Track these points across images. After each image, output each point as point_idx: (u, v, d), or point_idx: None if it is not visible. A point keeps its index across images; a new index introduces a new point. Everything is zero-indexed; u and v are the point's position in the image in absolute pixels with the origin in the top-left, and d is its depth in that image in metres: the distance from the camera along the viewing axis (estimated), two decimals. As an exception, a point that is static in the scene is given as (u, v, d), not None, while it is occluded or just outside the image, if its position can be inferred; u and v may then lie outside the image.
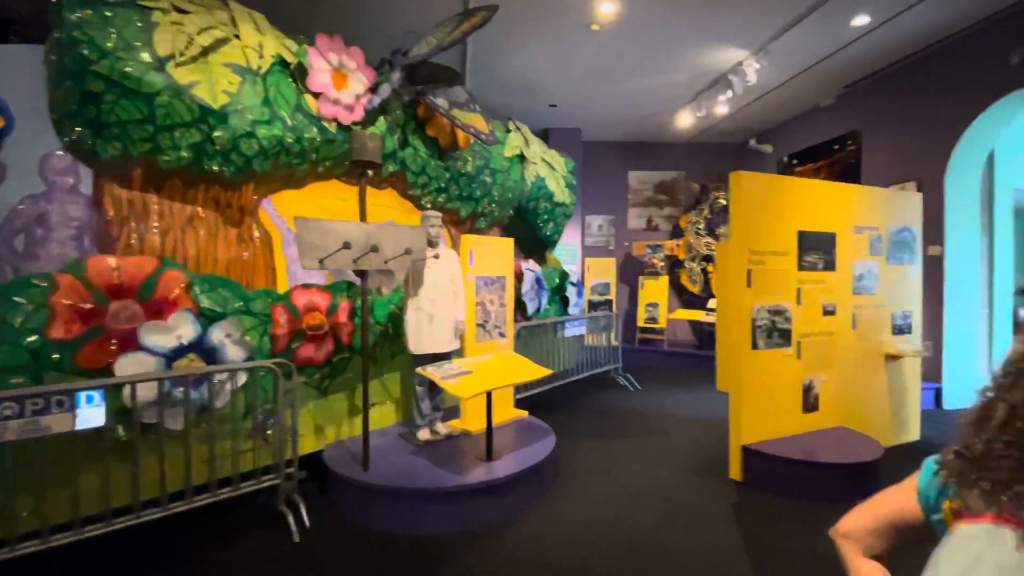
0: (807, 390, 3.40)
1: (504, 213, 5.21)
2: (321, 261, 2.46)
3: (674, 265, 7.83)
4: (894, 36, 4.76)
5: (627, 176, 8.37)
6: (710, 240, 7.35)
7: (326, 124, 3.38)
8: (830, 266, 3.51)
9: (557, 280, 5.52)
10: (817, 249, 3.47)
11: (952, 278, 4.89)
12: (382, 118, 3.74)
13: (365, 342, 2.86)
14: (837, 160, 6.22)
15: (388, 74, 3.67)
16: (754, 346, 3.20)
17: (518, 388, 4.30)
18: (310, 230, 2.44)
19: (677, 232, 8.07)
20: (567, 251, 7.59)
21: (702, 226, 7.44)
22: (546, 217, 5.75)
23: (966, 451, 0.71)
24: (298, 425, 2.74)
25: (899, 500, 0.81)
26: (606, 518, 2.73)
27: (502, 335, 3.96)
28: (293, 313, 2.94)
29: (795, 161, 6.93)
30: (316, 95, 3.34)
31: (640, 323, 7.65)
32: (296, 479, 2.70)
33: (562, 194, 5.81)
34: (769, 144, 7.51)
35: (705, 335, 7.33)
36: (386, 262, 2.71)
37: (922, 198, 4.14)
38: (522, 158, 5.26)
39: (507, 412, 3.85)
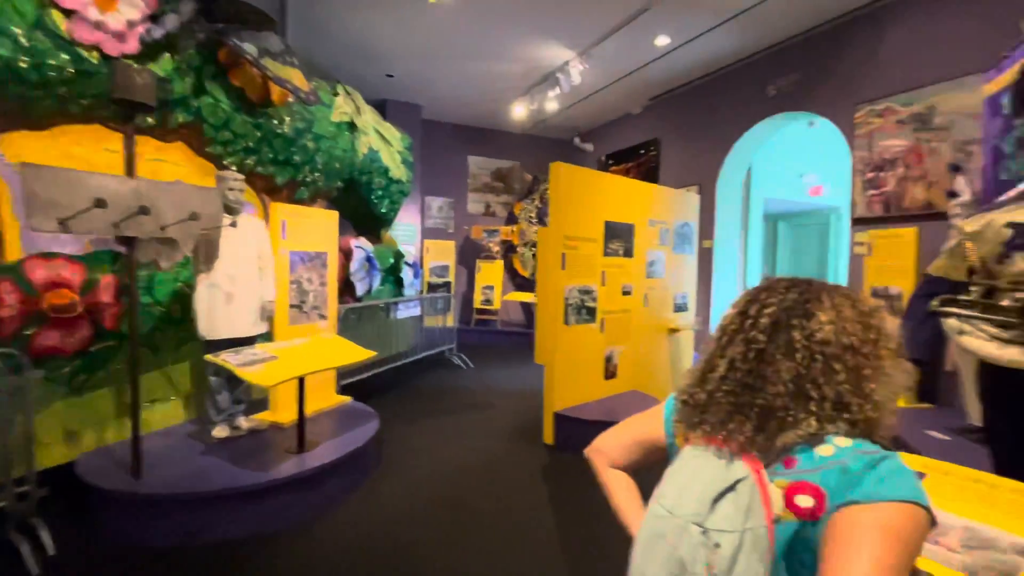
0: (608, 360, 3.86)
1: (331, 184, 4.81)
2: (62, 222, 1.93)
3: (508, 250, 8.20)
4: (688, 59, 5.59)
5: (467, 160, 8.46)
6: (540, 228, 7.89)
7: (83, 52, 2.67)
8: (629, 253, 4.02)
9: (392, 260, 5.33)
10: (619, 238, 3.93)
11: (719, 266, 6.01)
12: (168, 55, 3.10)
13: (134, 326, 2.36)
14: (643, 162, 7.14)
15: (177, 2, 3.05)
16: (566, 322, 3.50)
17: (344, 373, 4.06)
18: (44, 181, 1.89)
19: (512, 219, 8.45)
20: (406, 232, 7.39)
21: (533, 214, 7.92)
22: (380, 193, 5.49)
23: (691, 399, 0.83)
24: (33, 431, 2.16)
25: (648, 424, 0.93)
26: (428, 496, 2.74)
27: (322, 317, 3.67)
28: (26, 290, 2.29)
29: (611, 161, 7.77)
30: (68, 13, 2.61)
31: (477, 305, 7.87)
32: (34, 498, 2.13)
33: (398, 170, 5.60)
34: (591, 143, 8.29)
35: (534, 315, 7.88)
36: (163, 228, 2.26)
37: (700, 199, 4.98)
38: (352, 126, 4.91)
39: (328, 399, 3.60)
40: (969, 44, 3.64)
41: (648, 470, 0.96)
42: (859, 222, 4.47)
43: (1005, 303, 1.31)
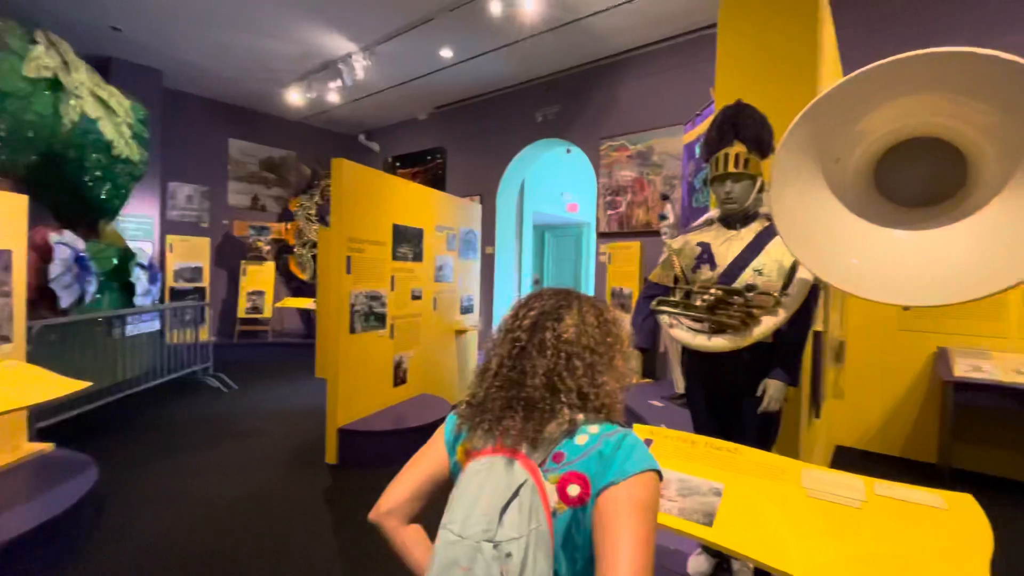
0: (397, 366, 3.79)
1: (19, 158, 3.54)
2: None
3: (283, 250, 7.35)
4: (471, 76, 5.91)
5: (227, 144, 7.26)
6: (322, 228, 7.28)
7: None
8: (418, 257, 4.03)
9: (115, 261, 4.19)
10: (409, 242, 3.90)
11: (499, 271, 6.53)
12: None
13: None
14: (430, 168, 7.28)
15: None
16: (352, 330, 3.30)
17: (42, 412, 3.02)
18: None
19: (288, 215, 7.61)
20: (139, 225, 5.93)
21: (313, 212, 7.28)
22: (99, 174, 4.26)
23: (472, 399, 0.86)
24: None
25: (431, 455, 0.90)
26: (170, 557, 2.21)
27: (3, 339, 2.65)
28: None
29: (398, 163, 7.70)
30: None
31: (241, 314, 6.81)
32: None
33: (126, 147, 4.44)
34: (376, 142, 8.07)
35: (314, 323, 7.23)
36: None
37: (482, 209, 5.33)
38: (56, 85, 3.71)
39: (15, 450, 2.62)
40: (676, 102, 4.77)
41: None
42: (602, 236, 5.42)
43: (698, 303, 1.74)
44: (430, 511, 0.90)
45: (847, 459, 3.45)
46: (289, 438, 3.69)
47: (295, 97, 6.25)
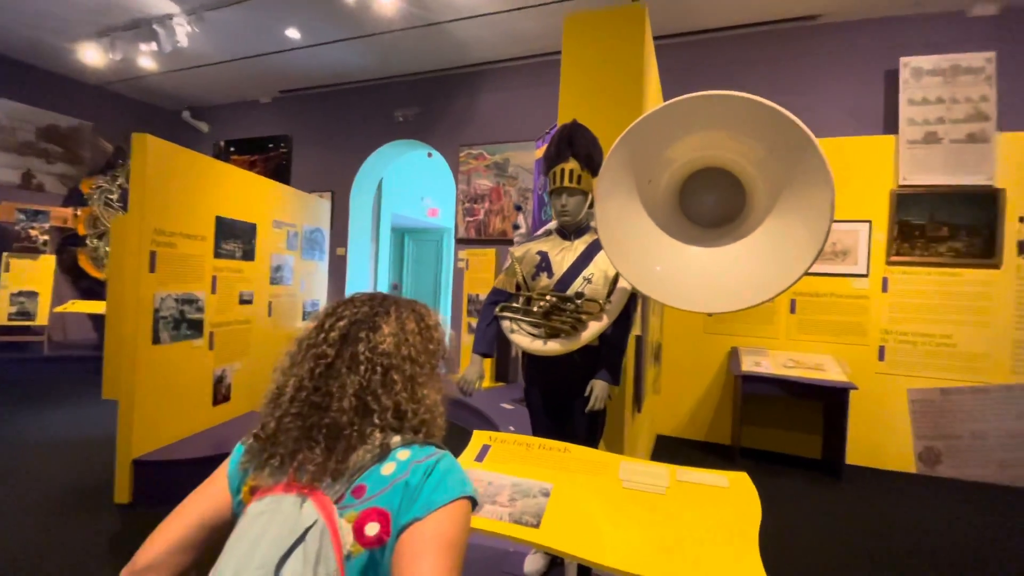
0: (219, 381, 3.30)
1: None
2: None
3: (68, 242, 5.96)
4: (323, 63, 5.48)
5: (-12, 102, 5.67)
6: (120, 216, 6.08)
7: None
8: (249, 255, 3.57)
9: None
10: (237, 238, 3.44)
11: (352, 274, 6.14)
12: None
13: None
14: (272, 158, 6.57)
15: None
16: (156, 340, 2.78)
17: None
18: None
19: (77, 198, 6.19)
20: None
21: (115, 196, 6.04)
22: None
23: (262, 431, 0.73)
24: None
25: (208, 497, 0.74)
26: None
27: None
28: None
29: (232, 148, 6.81)
30: None
31: (3, 320, 5.33)
32: None
33: None
34: (206, 122, 7.05)
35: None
36: None
37: (332, 206, 4.97)
38: None
39: None
40: (530, 118, 5.00)
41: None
42: (461, 242, 5.45)
43: (536, 309, 1.81)
44: (207, 566, 0.75)
45: (666, 447, 3.93)
46: (65, 476, 2.95)
47: (92, 56, 5.14)
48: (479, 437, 1.71)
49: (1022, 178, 3.44)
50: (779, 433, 3.92)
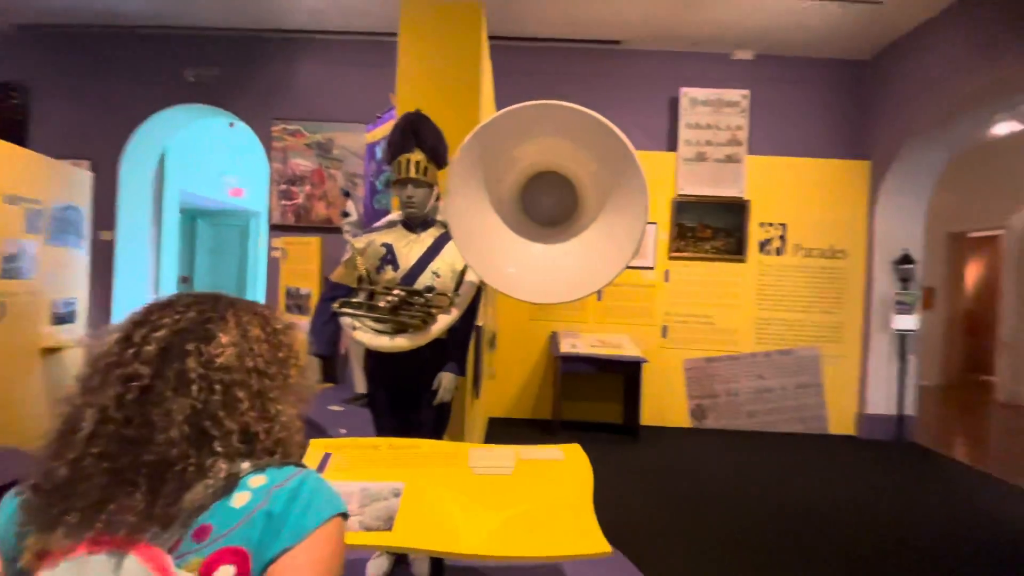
0: (-88, 414, 2.37)
1: None
2: None
3: None
4: (71, -9, 4.26)
5: None
6: None
7: None
8: (-38, 239, 2.63)
9: None
10: (-61, 213, 2.49)
11: (123, 264, 4.97)
12: None
13: None
14: (1, 110, 4.90)
15: None
16: None
17: None
18: None
19: None
20: None
21: None
22: None
23: (46, 480, 0.55)
24: None
25: None
26: None
27: None
28: None
29: (-77, 88, 4.87)
30: None
31: None
32: None
33: None
34: None
35: None
36: None
37: (96, 180, 3.94)
38: None
39: None
40: (359, 99, 4.68)
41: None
42: (276, 228, 4.86)
43: (381, 304, 1.73)
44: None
45: (497, 428, 4.16)
46: None
47: None
48: (316, 446, 1.58)
49: (762, 192, 4.53)
50: (591, 404, 4.49)
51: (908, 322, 4.22)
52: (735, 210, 4.52)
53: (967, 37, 3.57)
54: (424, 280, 1.75)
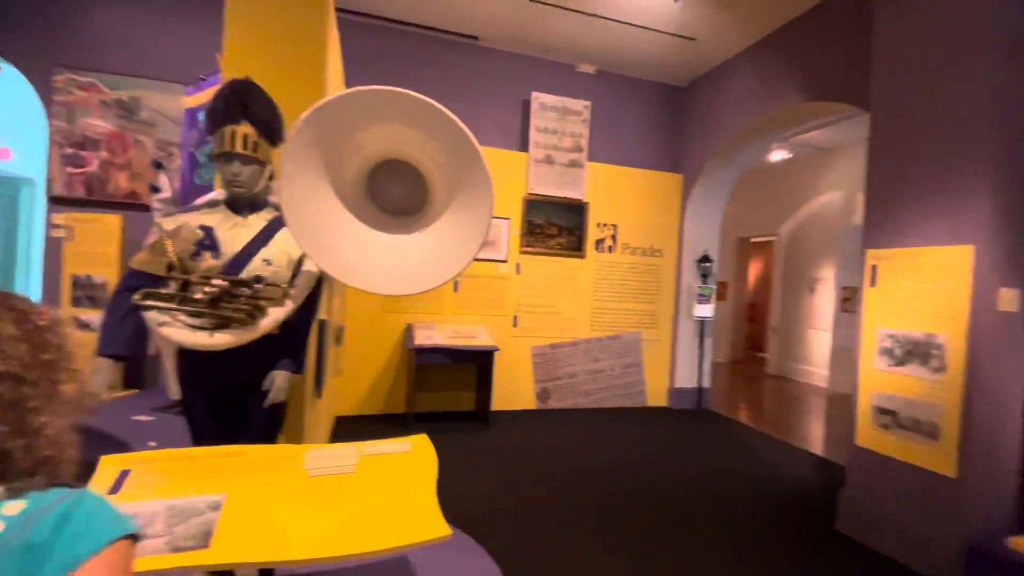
0: None
1: None
2: None
3: None
4: None
5: None
6: None
7: None
8: None
9: None
10: None
11: None
12: None
13: None
14: None
15: None
16: None
17: None
18: None
19: None
20: None
21: None
22: None
23: None
24: None
25: None
26: None
27: None
28: None
29: None
30: None
31: None
32: None
33: None
34: None
35: None
36: None
37: None
38: None
39: None
40: (178, 55, 3.99)
41: None
42: (58, 201, 3.94)
43: (198, 296, 1.51)
44: None
45: (345, 427, 3.97)
46: None
47: None
48: (110, 463, 1.34)
49: (599, 195, 5.00)
50: (446, 395, 4.54)
51: (706, 310, 5.09)
52: (577, 211, 4.94)
53: (755, 79, 4.40)
54: (252, 269, 1.58)
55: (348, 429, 3.90)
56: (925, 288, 2.40)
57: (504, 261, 4.73)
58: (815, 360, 7.06)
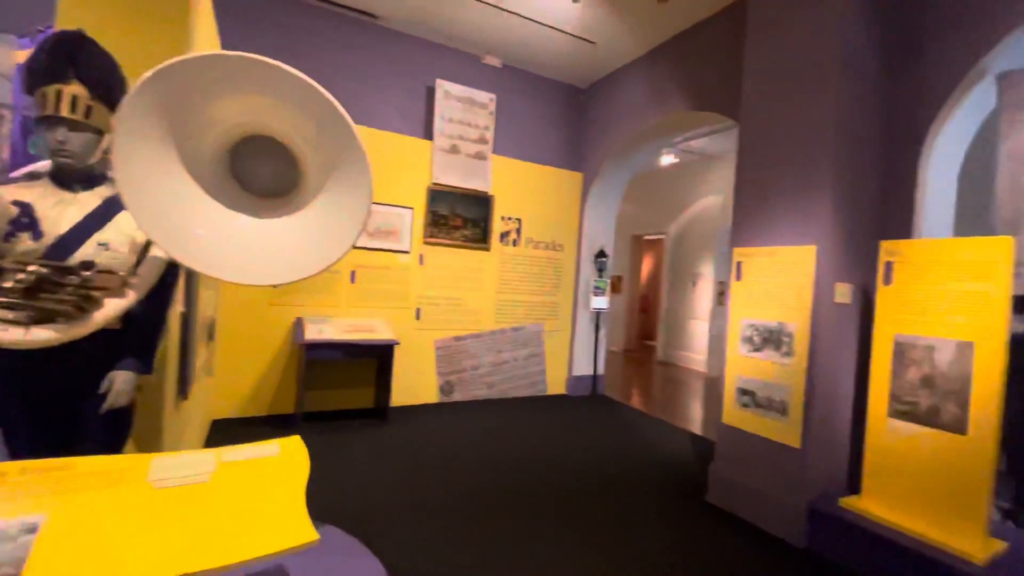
0: None
1: None
2: None
3: None
4: None
5: None
6: None
7: None
8: None
9: None
10: None
11: None
12: None
13: None
14: None
15: None
16: None
17: None
18: None
19: None
20: None
21: None
22: None
23: None
24: None
25: None
26: None
27: None
28: None
29: None
30: None
31: None
32: None
33: None
34: None
35: None
36: None
37: None
38: None
39: None
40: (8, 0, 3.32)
41: None
42: None
43: (10, 284, 1.27)
44: None
45: (223, 431, 3.62)
46: None
47: None
48: None
49: (504, 188, 5.03)
50: (340, 392, 4.32)
51: (601, 302, 5.36)
52: (482, 203, 4.93)
53: (647, 85, 4.67)
54: (84, 254, 1.35)
55: (227, 433, 3.57)
56: (779, 283, 2.71)
57: (407, 252, 4.60)
58: (696, 347, 7.77)
